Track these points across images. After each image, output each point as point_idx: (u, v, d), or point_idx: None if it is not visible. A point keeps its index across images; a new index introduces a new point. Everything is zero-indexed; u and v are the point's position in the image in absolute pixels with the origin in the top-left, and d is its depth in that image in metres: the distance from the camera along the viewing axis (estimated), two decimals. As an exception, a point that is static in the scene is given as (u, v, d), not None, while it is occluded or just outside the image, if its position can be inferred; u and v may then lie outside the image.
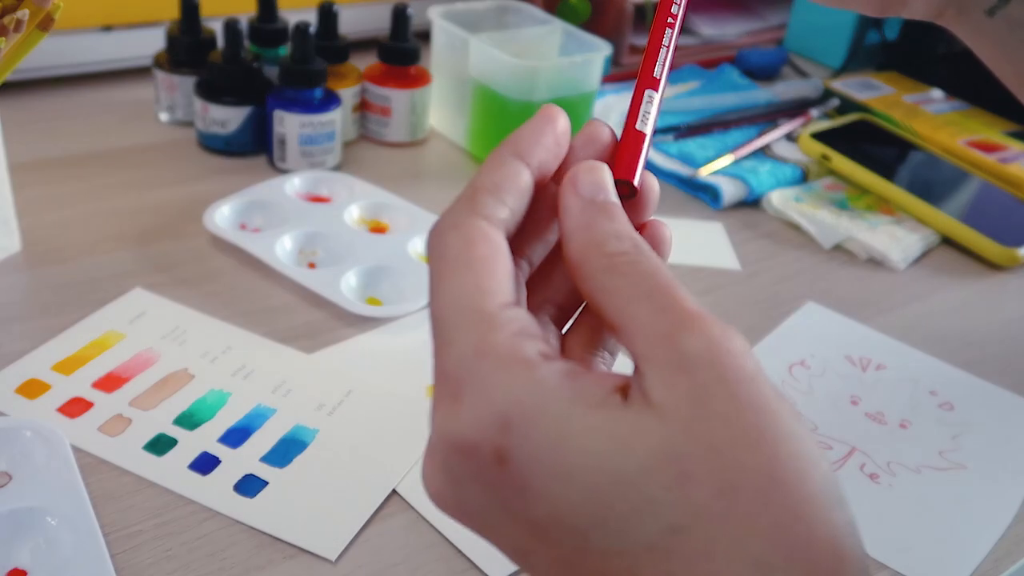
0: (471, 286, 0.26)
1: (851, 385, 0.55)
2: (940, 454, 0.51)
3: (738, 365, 0.24)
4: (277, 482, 0.43)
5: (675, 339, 0.24)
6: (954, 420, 0.53)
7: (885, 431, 0.52)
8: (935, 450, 0.51)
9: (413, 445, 0.46)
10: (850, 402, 0.54)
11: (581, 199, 0.28)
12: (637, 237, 0.27)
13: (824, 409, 0.53)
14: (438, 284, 0.27)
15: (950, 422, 0.53)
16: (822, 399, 0.54)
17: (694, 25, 1.01)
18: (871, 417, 0.53)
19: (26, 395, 0.47)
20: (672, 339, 0.24)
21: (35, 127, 0.72)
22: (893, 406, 0.54)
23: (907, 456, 0.50)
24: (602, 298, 0.26)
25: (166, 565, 0.39)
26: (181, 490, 0.42)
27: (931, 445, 0.51)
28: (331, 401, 0.48)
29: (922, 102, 0.88)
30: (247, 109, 0.69)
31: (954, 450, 0.51)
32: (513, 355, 0.25)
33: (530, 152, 0.30)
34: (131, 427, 0.45)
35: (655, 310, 0.25)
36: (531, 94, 0.69)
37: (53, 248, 0.58)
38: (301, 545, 0.40)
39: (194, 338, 0.52)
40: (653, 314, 0.25)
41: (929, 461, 0.50)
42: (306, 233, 0.60)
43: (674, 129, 0.79)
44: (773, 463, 0.23)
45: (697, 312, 0.24)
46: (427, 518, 0.42)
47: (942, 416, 0.53)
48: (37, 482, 0.41)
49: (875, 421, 0.53)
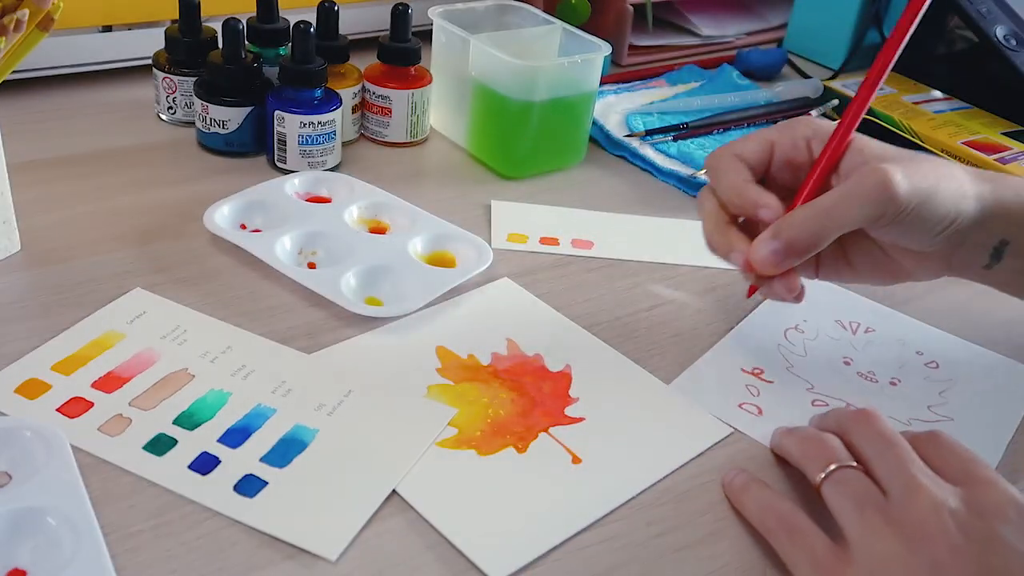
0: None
1: (843, 347, 0.58)
2: (928, 408, 0.54)
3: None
4: (277, 482, 0.43)
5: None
6: (940, 377, 0.56)
7: (876, 388, 0.55)
8: (924, 404, 0.54)
9: (413, 445, 0.46)
10: (843, 363, 0.57)
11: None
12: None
13: (819, 369, 0.56)
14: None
15: (937, 379, 0.56)
16: (816, 360, 0.56)
17: (694, 25, 1.01)
18: (863, 376, 0.56)
19: (26, 395, 0.47)
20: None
21: (35, 127, 0.72)
22: (883, 366, 0.56)
23: (898, 411, 0.53)
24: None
25: (166, 565, 0.39)
26: (181, 490, 0.42)
27: (920, 400, 0.54)
28: (331, 401, 0.48)
29: (921, 102, 0.88)
30: (247, 109, 0.69)
31: (941, 404, 0.54)
32: None
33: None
34: (131, 427, 0.45)
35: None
36: (531, 94, 0.69)
37: (53, 248, 0.58)
38: (301, 545, 0.40)
39: (194, 338, 0.52)
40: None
41: (918, 415, 0.53)
42: (306, 233, 0.60)
43: (674, 129, 0.79)
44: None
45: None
46: (427, 518, 0.42)
47: (929, 374, 0.56)
48: (37, 482, 0.41)
49: (867, 380, 0.55)
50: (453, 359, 0.53)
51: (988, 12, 0.86)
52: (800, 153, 0.52)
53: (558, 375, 0.52)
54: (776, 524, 0.42)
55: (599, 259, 0.64)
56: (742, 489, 0.45)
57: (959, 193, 0.49)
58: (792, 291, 0.51)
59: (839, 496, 0.41)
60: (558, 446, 0.47)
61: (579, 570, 0.41)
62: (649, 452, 0.48)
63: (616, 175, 0.76)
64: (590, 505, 0.44)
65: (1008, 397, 0.55)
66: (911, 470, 0.40)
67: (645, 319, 0.58)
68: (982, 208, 0.50)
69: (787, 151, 0.52)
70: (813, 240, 0.49)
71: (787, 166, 0.53)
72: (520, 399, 0.50)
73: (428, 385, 0.51)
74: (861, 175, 0.48)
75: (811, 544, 0.40)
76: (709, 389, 0.53)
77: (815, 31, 1.02)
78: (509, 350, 0.54)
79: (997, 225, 0.51)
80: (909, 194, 0.47)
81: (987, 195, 0.50)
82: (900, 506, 0.39)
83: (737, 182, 0.52)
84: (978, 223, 0.50)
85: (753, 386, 0.54)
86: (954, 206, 0.49)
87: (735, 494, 0.45)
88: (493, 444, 0.47)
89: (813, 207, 0.49)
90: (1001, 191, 0.50)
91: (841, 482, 0.41)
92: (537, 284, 0.60)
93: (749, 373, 0.55)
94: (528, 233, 0.65)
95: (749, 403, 0.52)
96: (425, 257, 0.61)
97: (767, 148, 0.53)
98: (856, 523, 0.39)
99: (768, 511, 0.43)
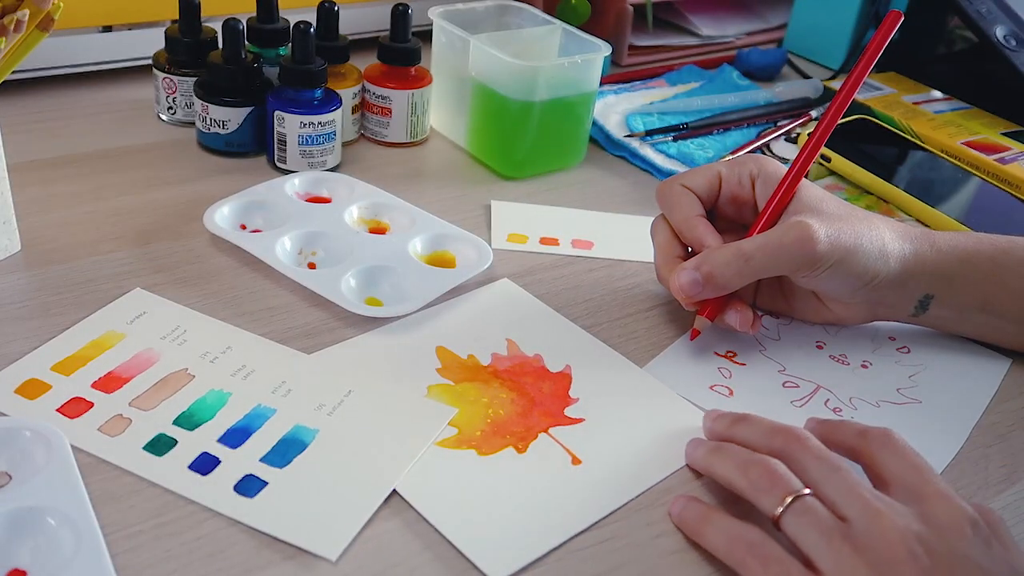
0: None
1: (816, 332, 0.59)
2: (898, 390, 0.55)
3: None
4: (277, 482, 0.43)
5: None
6: (911, 361, 0.57)
7: (848, 371, 0.56)
8: (893, 387, 0.55)
9: (413, 445, 0.46)
10: (815, 346, 0.58)
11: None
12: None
13: (791, 352, 0.57)
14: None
15: (907, 363, 0.57)
16: (789, 344, 0.57)
17: (694, 25, 1.01)
18: (835, 359, 0.57)
19: (26, 395, 0.47)
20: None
21: (35, 127, 0.72)
22: (855, 350, 0.58)
23: (868, 392, 0.54)
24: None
25: (166, 565, 0.39)
26: (181, 490, 0.42)
27: (890, 383, 0.55)
28: (331, 401, 0.48)
29: (922, 102, 0.88)
30: (247, 109, 0.69)
31: (911, 387, 0.55)
32: None
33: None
34: (131, 427, 0.45)
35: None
36: (531, 94, 0.69)
37: (53, 248, 0.58)
38: (301, 545, 0.40)
39: (194, 338, 0.52)
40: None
41: (888, 396, 0.54)
42: (306, 233, 0.60)
43: (674, 129, 0.79)
44: None
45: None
46: (426, 518, 0.42)
47: (900, 358, 0.57)
48: (37, 482, 0.41)
49: (839, 362, 0.56)
50: (453, 359, 0.53)
51: (988, 12, 0.86)
52: (744, 191, 0.55)
53: (558, 375, 0.52)
54: (747, 555, 0.40)
55: (599, 259, 0.64)
56: (701, 520, 0.43)
57: (880, 253, 0.52)
58: (744, 325, 0.54)
59: (803, 527, 0.40)
60: (558, 446, 0.47)
61: (579, 570, 0.41)
62: (649, 453, 0.48)
63: (616, 175, 0.76)
64: (589, 506, 0.44)
65: (975, 381, 0.56)
66: (865, 496, 0.40)
67: (645, 319, 0.58)
68: (903, 268, 0.53)
69: (733, 187, 0.56)
70: (730, 281, 0.52)
71: (731, 202, 0.56)
72: (520, 399, 0.50)
73: (428, 385, 0.51)
74: (786, 227, 0.51)
75: (787, 572, 0.39)
76: (681, 371, 0.53)
77: (815, 31, 1.02)
78: (509, 350, 0.54)
79: (920, 282, 0.54)
80: (828, 251, 0.51)
81: (909, 255, 0.53)
82: (865, 533, 0.39)
83: (688, 215, 0.55)
84: (900, 281, 0.54)
85: (725, 368, 0.54)
86: (874, 265, 0.52)
87: (693, 525, 0.43)
88: (493, 444, 0.47)
89: (737, 250, 0.52)
90: (924, 251, 0.54)
91: (802, 513, 0.40)
92: (537, 284, 0.60)
93: (722, 356, 0.55)
94: (528, 233, 0.65)
95: (721, 384, 0.53)
96: (425, 257, 0.61)
97: (715, 181, 0.56)
98: (826, 554, 0.39)
99: (736, 542, 0.41)
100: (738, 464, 0.43)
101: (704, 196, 0.55)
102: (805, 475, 0.42)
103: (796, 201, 0.53)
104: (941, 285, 0.54)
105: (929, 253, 0.54)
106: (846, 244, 0.51)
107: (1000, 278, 0.54)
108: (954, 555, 0.38)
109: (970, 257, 0.54)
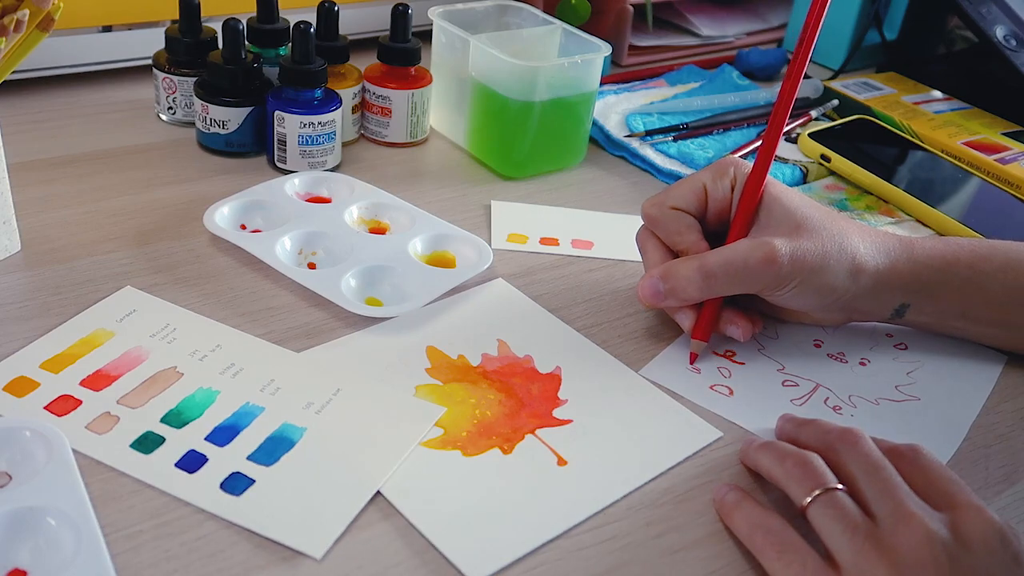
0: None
1: (814, 331, 0.59)
2: (896, 388, 0.55)
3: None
4: (264, 480, 0.43)
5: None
6: (908, 358, 0.57)
7: (846, 369, 0.56)
8: (891, 384, 0.55)
9: (399, 445, 0.46)
10: (813, 345, 0.58)
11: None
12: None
13: (789, 351, 0.57)
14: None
15: (904, 359, 0.57)
16: (788, 342, 0.57)
17: (694, 25, 1.01)
18: (833, 357, 0.57)
19: (14, 393, 0.47)
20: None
21: (35, 127, 0.72)
22: (853, 348, 0.58)
23: (866, 390, 0.54)
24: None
25: (166, 565, 0.39)
26: (167, 488, 0.42)
27: (888, 380, 0.55)
28: (319, 400, 0.48)
29: (921, 102, 0.88)
30: (247, 109, 0.69)
31: (909, 384, 0.55)
32: None
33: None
34: (119, 425, 0.45)
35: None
36: (531, 94, 0.69)
37: (53, 248, 0.58)
38: (286, 543, 0.40)
39: (183, 336, 0.52)
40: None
41: (886, 394, 0.54)
42: (306, 233, 0.60)
43: (674, 129, 0.79)
44: None
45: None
46: (408, 519, 0.42)
47: (897, 355, 0.58)
48: (37, 482, 0.41)
49: (837, 360, 0.56)
50: (443, 359, 0.53)
51: (988, 12, 0.86)
52: (727, 204, 0.55)
53: (548, 376, 0.52)
54: (764, 541, 0.41)
55: (599, 259, 0.64)
56: (735, 506, 0.44)
57: (850, 268, 0.52)
58: (745, 336, 0.54)
59: (828, 520, 0.40)
60: (544, 447, 0.47)
61: (579, 570, 0.41)
62: (635, 455, 0.47)
63: (616, 175, 0.76)
64: (572, 507, 0.44)
65: (973, 379, 0.56)
66: (900, 496, 0.40)
67: (645, 319, 0.58)
68: (876, 282, 0.53)
69: (718, 203, 0.55)
70: (692, 296, 0.52)
71: (718, 216, 0.55)
72: (508, 400, 0.50)
73: (416, 385, 0.50)
74: (750, 247, 0.51)
75: (802, 561, 0.40)
76: (681, 371, 0.53)
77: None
78: (499, 351, 0.54)
79: (895, 293, 0.54)
80: (791, 273, 0.51)
81: (883, 269, 0.53)
82: (891, 533, 0.39)
83: (680, 229, 0.55)
84: (872, 294, 0.53)
85: (725, 368, 0.54)
86: (842, 283, 0.52)
87: (727, 511, 0.44)
88: (478, 445, 0.47)
89: (700, 266, 0.52)
90: (899, 263, 0.53)
91: (829, 506, 0.41)
92: (537, 284, 0.60)
93: (721, 355, 0.55)
94: (528, 233, 0.65)
95: (720, 384, 0.53)
96: (425, 257, 0.61)
97: (702, 196, 0.55)
98: (847, 548, 0.39)
99: (756, 529, 0.42)
100: (777, 456, 0.45)
101: (695, 212, 0.55)
102: (847, 471, 0.43)
103: (769, 213, 0.53)
104: (917, 294, 0.54)
105: (905, 264, 0.53)
106: (811, 264, 0.51)
107: (979, 284, 0.54)
108: (977, 569, 0.38)
109: (948, 265, 0.54)
